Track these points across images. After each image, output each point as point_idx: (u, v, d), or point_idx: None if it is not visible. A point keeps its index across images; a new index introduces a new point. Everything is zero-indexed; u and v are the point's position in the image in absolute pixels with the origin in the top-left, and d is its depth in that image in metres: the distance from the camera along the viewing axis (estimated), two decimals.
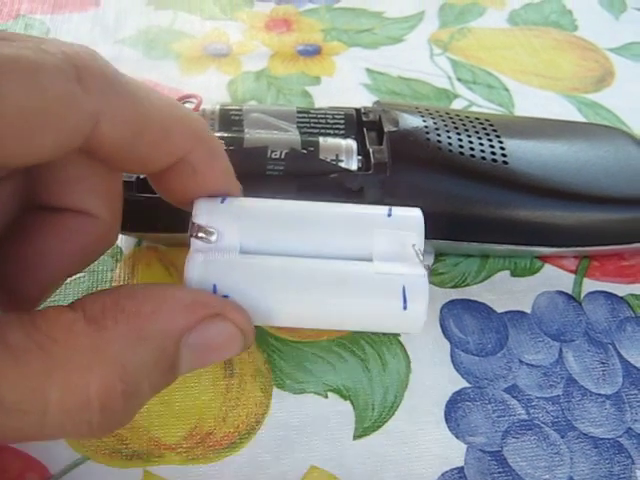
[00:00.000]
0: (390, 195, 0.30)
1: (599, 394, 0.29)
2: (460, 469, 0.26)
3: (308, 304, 0.23)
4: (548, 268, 0.33)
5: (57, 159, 0.20)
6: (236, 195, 0.25)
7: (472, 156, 0.31)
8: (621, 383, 0.29)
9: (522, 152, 0.32)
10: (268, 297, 0.23)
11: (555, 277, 0.33)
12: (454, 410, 0.28)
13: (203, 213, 0.23)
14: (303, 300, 0.23)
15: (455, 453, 0.27)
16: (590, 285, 0.32)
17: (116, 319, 0.19)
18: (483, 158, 0.31)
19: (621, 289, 0.32)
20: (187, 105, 0.32)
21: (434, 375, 0.29)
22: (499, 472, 0.26)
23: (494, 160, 0.31)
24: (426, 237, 0.32)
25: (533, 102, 0.42)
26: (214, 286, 0.22)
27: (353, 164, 0.30)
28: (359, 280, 0.23)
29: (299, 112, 0.33)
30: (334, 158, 0.30)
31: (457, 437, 0.27)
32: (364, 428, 0.27)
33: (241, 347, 0.22)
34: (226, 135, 0.31)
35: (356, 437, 0.27)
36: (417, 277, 0.23)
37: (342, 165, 0.30)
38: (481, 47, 0.46)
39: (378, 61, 0.44)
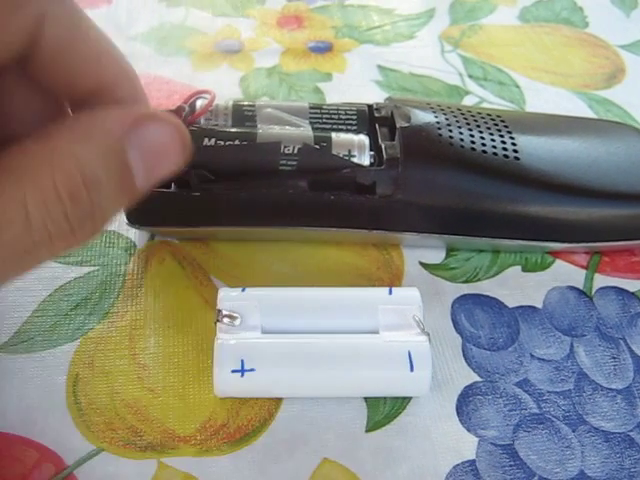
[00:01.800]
0: (402, 190, 0.31)
1: (610, 389, 0.29)
2: (472, 462, 0.26)
3: (325, 376, 0.27)
4: (559, 264, 0.33)
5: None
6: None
7: (484, 152, 0.31)
8: (632, 378, 0.29)
9: (533, 148, 0.32)
10: (290, 371, 0.26)
11: (566, 272, 0.33)
12: (466, 404, 0.28)
13: (226, 300, 0.27)
14: (321, 373, 0.26)
15: (467, 446, 0.27)
16: (601, 280, 0.32)
17: (59, 129, 0.22)
18: (495, 154, 0.31)
19: (632, 284, 0.32)
20: (200, 101, 0.32)
21: (446, 369, 0.29)
22: (510, 465, 0.26)
23: (505, 156, 0.31)
24: (438, 232, 0.32)
25: (544, 99, 0.42)
26: (242, 361, 0.26)
27: (365, 159, 0.30)
28: (369, 349, 0.27)
29: (311, 108, 0.33)
30: (347, 153, 0.30)
31: (469, 431, 0.27)
32: (376, 422, 0.28)
33: (182, 146, 0.24)
34: (239, 130, 0.31)
35: (368, 430, 0.27)
36: (420, 343, 0.27)
37: (354, 160, 0.30)
38: (492, 44, 0.46)
39: (389, 58, 0.44)
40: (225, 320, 0.27)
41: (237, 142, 0.30)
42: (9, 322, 0.30)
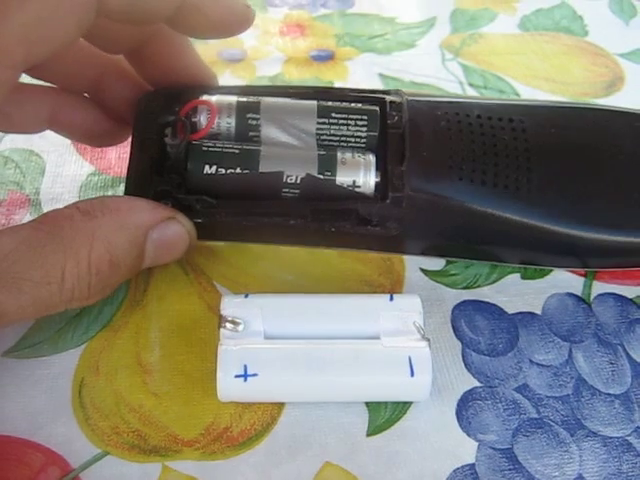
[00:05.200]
0: (405, 225, 0.30)
1: (608, 394, 0.29)
2: (471, 466, 0.27)
3: (327, 381, 0.27)
4: (558, 271, 0.33)
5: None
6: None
7: (494, 185, 0.30)
8: (630, 383, 0.29)
9: (548, 181, 0.31)
10: (292, 376, 0.27)
11: (565, 280, 0.33)
12: (465, 409, 0.28)
13: (230, 307, 0.28)
14: (323, 378, 0.27)
15: (466, 450, 0.27)
16: (599, 287, 0.33)
17: (103, 212, 0.26)
18: (506, 186, 0.30)
19: (630, 291, 0.33)
20: (203, 116, 0.31)
21: (446, 374, 0.29)
22: (509, 469, 0.27)
23: (517, 188, 0.30)
24: (440, 256, 0.33)
25: None
26: (245, 366, 0.26)
27: (371, 179, 0.30)
28: (370, 355, 0.27)
29: (320, 112, 0.31)
30: (351, 184, 0.30)
31: (468, 435, 0.28)
32: (377, 426, 0.28)
33: (187, 246, 0.29)
34: (240, 151, 0.30)
35: (369, 435, 0.28)
36: (420, 348, 0.27)
37: (359, 190, 0.30)
38: (492, 52, 0.46)
39: (390, 66, 0.45)
40: (228, 326, 0.27)
41: (239, 170, 0.30)
42: (16, 327, 0.30)
